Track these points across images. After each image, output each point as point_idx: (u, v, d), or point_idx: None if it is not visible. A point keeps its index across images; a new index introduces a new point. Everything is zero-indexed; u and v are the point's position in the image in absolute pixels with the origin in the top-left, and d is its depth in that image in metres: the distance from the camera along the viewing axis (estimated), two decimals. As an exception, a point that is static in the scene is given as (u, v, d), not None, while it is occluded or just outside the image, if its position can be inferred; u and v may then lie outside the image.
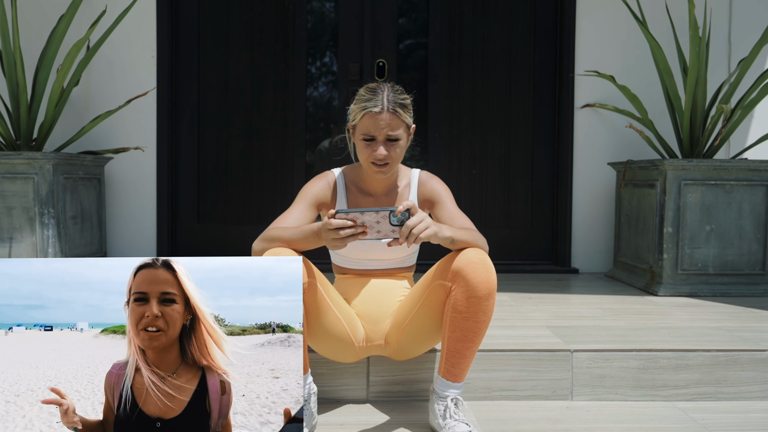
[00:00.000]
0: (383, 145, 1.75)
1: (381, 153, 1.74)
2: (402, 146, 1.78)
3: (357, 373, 2.01)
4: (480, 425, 1.82)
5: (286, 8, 3.79)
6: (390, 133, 1.74)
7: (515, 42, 3.83)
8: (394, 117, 1.73)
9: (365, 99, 1.75)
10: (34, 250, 2.97)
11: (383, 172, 1.79)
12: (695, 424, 1.84)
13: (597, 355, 2.03)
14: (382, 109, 1.72)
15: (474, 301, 1.64)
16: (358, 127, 1.77)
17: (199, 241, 3.80)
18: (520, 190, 3.86)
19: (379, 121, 1.73)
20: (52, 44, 3.12)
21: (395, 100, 1.74)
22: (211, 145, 3.80)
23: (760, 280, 3.09)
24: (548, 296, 3.00)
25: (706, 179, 3.03)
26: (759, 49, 3.09)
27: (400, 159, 1.80)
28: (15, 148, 3.15)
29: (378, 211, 1.53)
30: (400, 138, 1.76)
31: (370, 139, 1.76)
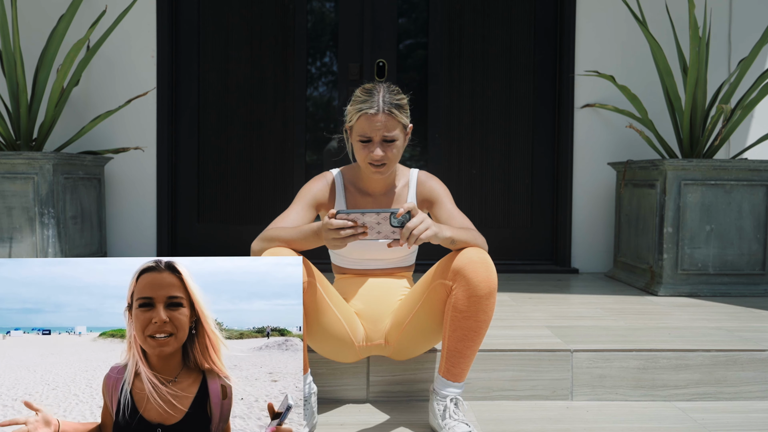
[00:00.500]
0: (379, 146, 1.75)
1: (377, 154, 1.75)
2: (399, 146, 1.79)
3: (357, 373, 2.01)
4: (480, 425, 1.82)
5: (286, 8, 3.79)
6: (386, 134, 1.74)
7: (515, 42, 3.83)
8: (390, 118, 1.74)
9: (361, 100, 1.76)
10: (34, 250, 2.97)
11: (380, 172, 1.79)
12: (695, 424, 1.84)
13: (597, 355, 2.03)
14: (378, 111, 1.73)
15: (475, 301, 1.64)
16: (354, 128, 1.78)
17: (199, 241, 3.80)
18: (520, 190, 3.86)
19: (374, 123, 1.73)
20: (52, 44, 3.12)
21: (391, 101, 1.75)
22: (211, 145, 3.80)
23: (760, 280, 3.09)
24: (548, 296, 3.00)
25: (706, 179, 3.03)
26: (759, 49, 3.09)
27: (397, 159, 1.81)
28: (15, 148, 3.15)
29: (379, 213, 1.53)
30: (397, 138, 1.77)
31: (367, 141, 1.76)
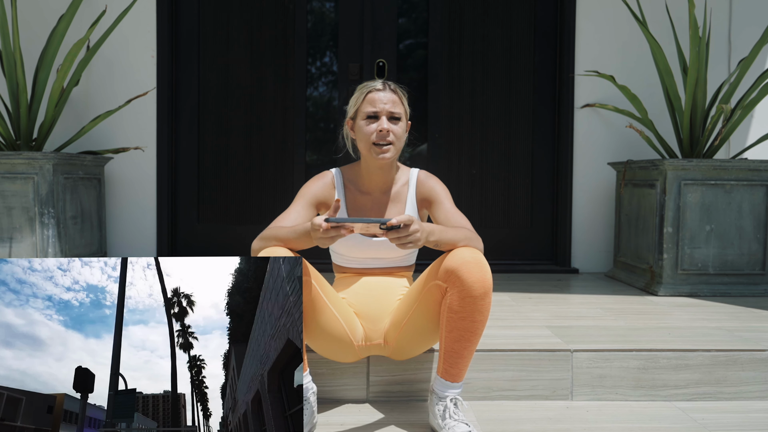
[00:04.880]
0: (386, 122, 1.81)
1: (384, 126, 1.80)
2: (402, 128, 1.85)
3: (357, 373, 2.01)
4: (480, 425, 1.81)
5: (286, 8, 3.79)
6: (392, 110, 1.82)
7: (515, 42, 3.83)
8: (395, 95, 1.84)
9: (365, 84, 1.87)
10: (34, 250, 2.97)
11: (384, 152, 1.80)
12: (695, 424, 1.84)
13: (597, 355, 2.03)
14: (384, 88, 1.84)
15: (470, 301, 1.64)
16: (359, 111, 1.85)
17: (199, 241, 3.80)
18: (520, 190, 3.86)
19: (381, 98, 1.82)
20: (52, 44, 3.12)
21: (394, 83, 1.88)
22: (211, 145, 3.80)
23: (760, 280, 3.09)
24: (548, 296, 3.00)
25: (706, 179, 3.03)
26: (759, 49, 3.09)
27: (400, 143, 1.85)
28: (15, 148, 3.15)
29: (369, 223, 1.52)
30: (401, 118, 1.84)
31: (373, 117, 1.82)
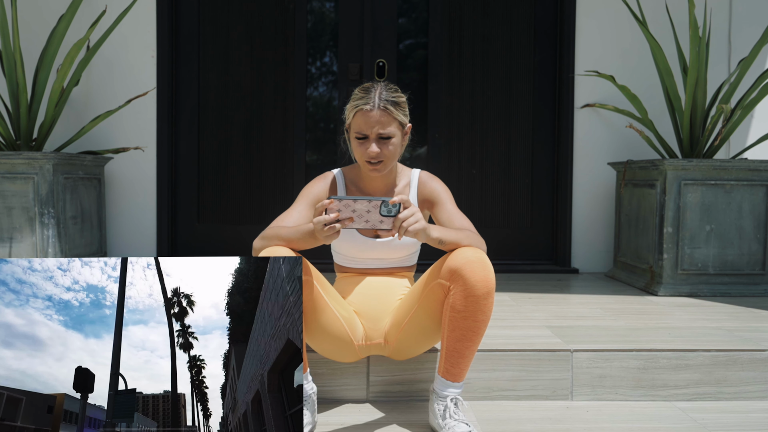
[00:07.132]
0: (375, 143, 1.76)
1: (373, 151, 1.75)
2: (395, 144, 1.79)
3: (357, 373, 2.01)
4: (480, 425, 1.81)
5: (286, 8, 3.79)
6: (381, 131, 1.75)
7: (515, 42, 3.83)
8: (385, 114, 1.74)
9: (358, 98, 1.78)
10: (34, 250, 2.97)
11: (377, 170, 1.79)
12: (695, 424, 1.84)
13: (597, 355, 2.03)
14: (373, 107, 1.74)
15: (472, 301, 1.64)
16: (351, 126, 1.80)
17: (199, 241, 3.80)
18: (520, 190, 3.86)
19: (370, 119, 1.74)
20: (52, 44, 3.12)
21: (387, 98, 1.75)
22: (211, 145, 3.80)
23: (760, 280, 3.09)
24: (548, 296, 3.00)
25: (706, 179, 3.03)
26: (759, 49, 3.09)
27: (394, 157, 1.81)
28: (15, 148, 3.15)
29: (370, 200, 1.54)
30: (392, 136, 1.77)
31: (363, 138, 1.77)
